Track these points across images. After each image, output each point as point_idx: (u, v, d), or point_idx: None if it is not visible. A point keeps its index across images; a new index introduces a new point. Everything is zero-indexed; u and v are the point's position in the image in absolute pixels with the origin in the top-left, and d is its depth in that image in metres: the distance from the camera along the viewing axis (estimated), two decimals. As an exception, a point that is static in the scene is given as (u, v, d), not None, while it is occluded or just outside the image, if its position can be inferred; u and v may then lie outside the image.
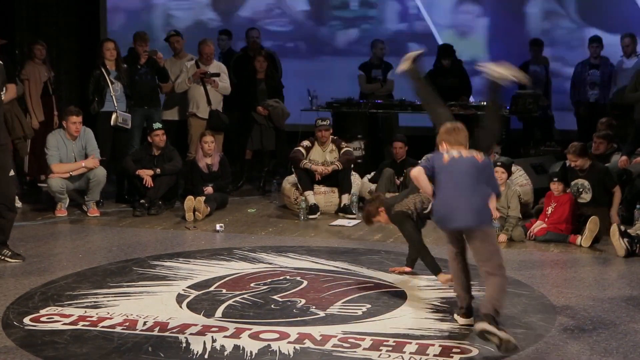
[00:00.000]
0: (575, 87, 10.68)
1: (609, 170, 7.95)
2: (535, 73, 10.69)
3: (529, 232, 7.54)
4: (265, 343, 4.71)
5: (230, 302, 5.50)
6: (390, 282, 6.02)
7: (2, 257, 6.56)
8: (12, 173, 6.65)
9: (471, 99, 10.75)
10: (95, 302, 5.49)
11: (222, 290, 5.78)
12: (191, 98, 9.94)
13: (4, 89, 6.72)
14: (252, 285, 5.92)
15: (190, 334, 4.87)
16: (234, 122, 10.13)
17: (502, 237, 7.42)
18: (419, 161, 9.10)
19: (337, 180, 8.72)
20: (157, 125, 8.91)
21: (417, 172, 4.92)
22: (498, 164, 7.84)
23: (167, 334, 4.87)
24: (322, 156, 8.86)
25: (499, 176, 7.66)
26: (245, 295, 5.66)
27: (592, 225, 7.20)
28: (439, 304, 5.50)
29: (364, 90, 11.03)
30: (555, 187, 7.60)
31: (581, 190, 7.72)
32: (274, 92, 10.18)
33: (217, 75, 9.84)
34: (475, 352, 4.60)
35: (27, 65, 9.77)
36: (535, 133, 10.79)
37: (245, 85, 10.16)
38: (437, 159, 4.84)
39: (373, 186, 8.85)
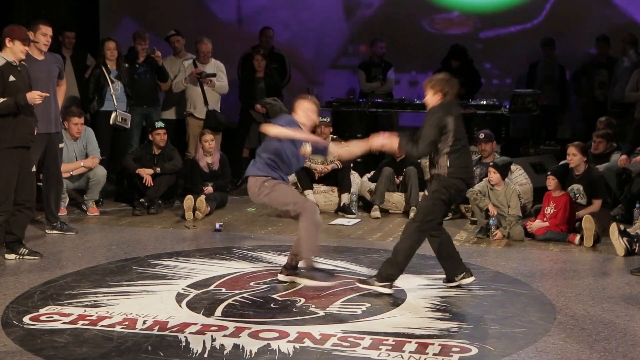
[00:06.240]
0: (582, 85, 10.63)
1: (601, 180, 7.87)
2: (546, 73, 10.66)
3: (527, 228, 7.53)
4: (265, 342, 4.71)
5: (229, 301, 5.50)
6: (389, 281, 6.01)
7: (20, 257, 6.55)
8: (33, 169, 6.66)
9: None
10: (94, 301, 5.49)
11: (221, 289, 5.78)
12: (188, 98, 9.93)
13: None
14: (251, 284, 5.92)
15: (190, 333, 4.86)
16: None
17: (499, 234, 7.43)
18: (419, 161, 9.13)
19: (337, 179, 8.72)
20: (159, 124, 8.91)
21: None
22: (490, 164, 7.84)
23: (166, 333, 4.87)
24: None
25: (490, 177, 7.67)
26: (244, 294, 5.65)
27: (588, 224, 7.19)
28: (438, 303, 5.50)
29: (364, 89, 11.02)
30: (549, 181, 7.58)
31: (577, 195, 7.71)
32: (273, 91, 10.18)
33: (213, 75, 9.82)
34: (474, 351, 4.60)
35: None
36: (541, 131, 10.75)
37: (245, 84, 10.15)
38: None
39: (372, 185, 8.85)
